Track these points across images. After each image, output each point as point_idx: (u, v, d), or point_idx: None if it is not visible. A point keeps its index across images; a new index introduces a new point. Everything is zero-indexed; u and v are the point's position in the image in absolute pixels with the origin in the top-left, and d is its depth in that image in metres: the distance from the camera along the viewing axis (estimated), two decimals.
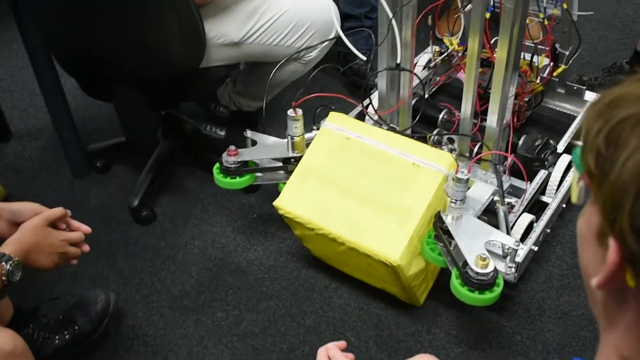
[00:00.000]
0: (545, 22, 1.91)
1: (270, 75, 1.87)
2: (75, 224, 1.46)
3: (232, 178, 1.81)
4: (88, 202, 2.12)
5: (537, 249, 1.71)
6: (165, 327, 1.75)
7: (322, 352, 1.20)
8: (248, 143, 1.86)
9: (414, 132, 1.89)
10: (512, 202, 1.77)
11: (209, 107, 2.13)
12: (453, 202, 1.51)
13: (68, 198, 2.12)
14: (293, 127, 1.74)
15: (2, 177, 2.19)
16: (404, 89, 1.88)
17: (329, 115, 1.75)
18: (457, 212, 1.51)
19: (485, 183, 1.74)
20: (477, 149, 1.88)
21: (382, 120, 1.85)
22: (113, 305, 1.71)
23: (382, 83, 1.88)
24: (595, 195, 0.58)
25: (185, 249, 1.96)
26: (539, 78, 2.05)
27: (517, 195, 1.83)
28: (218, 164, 1.82)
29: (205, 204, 2.10)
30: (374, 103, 1.94)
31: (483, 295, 1.42)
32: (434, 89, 2.39)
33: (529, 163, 1.85)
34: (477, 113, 1.86)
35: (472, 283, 1.42)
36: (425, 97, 2.19)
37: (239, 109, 2.29)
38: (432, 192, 1.55)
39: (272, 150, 1.83)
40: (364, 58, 1.74)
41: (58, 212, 1.41)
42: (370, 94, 1.99)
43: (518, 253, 1.53)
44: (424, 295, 1.75)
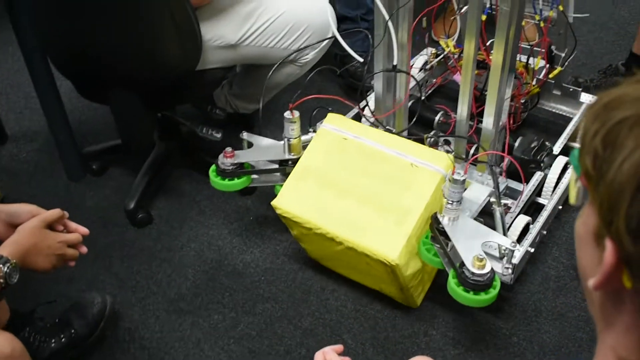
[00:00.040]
0: (541, 24, 1.91)
1: (267, 78, 1.87)
2: (73, 226, 1.45)
3: (228, 180, 1.81)
4: (84, 204, 2.12)
5: (533, 251, 1.71)
6: (162, 329, 1.75)
7: (319, 356, 1.20)
8: (244, 145, 1.86)
9: (410, 134, 1.90)
10: (508, 203, 1.77)
11: (205, 109, 2.13)
12: (450, 203, 1.51)
13: (64, 201, 2.11)
14: (290, 129, 1.74)
15: None
16: (401, 91, 1.89)
17: (327, 117, 1.75)
18: (453, 213, 1.51)
19: (482, 184, 1.74)
20: (473, 151, 1.88)
21: (378, 122, 1.85)
22: (109, 308, 1.71)
23: (378, 85, 1.88)
24: (593, 197, 0.58)
25: (182, 252, 1.96)
26: (535, 80, 2.05)
27: (513, 197, 1.83)
28: (214, 166, 1.81)
29: (202, 207, 2.10)
30: (371, 105, 1.94)
31: (480, 296, 1.42)
32: (430, 91, 2.39)
33: (525, 165, 1.86)
34: (473, 115, 1.86)
35: (469, 284, 1.42)
36: (422, 99, 2.19)
37: (235, 111, 2.29)
38: (430, 192, 1.55)
39: (268, 152, 1.83)
40: (361, 60, 1.74)
41: (55, 213, 1.40)
42: (367, 96, 1.99)
43: (515, 254, 1.53)
44: (421, 297, 1.75)
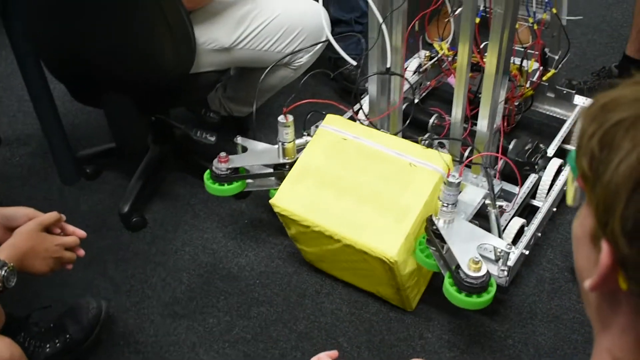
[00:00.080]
0: (535, 26, 1.92)
1: (260, 81, 1.87)
2: (70, 229, 1.45)
3: (223, 185, 1.80)
4: (78, 208, 2.11)
5: (528, 253, 1.71)
6: (157, 334, 1.74)
7: None
8: (239, 149, 1.86)
9: (405, 136, 1.89)
10: (503, 205, 1.77)
11: (199, 112, 2.13)
12: (445, 205, 1.51)
13: (57, 205, 2.10)
14: (284, 133, 1.74)
15: None
16: (395, 94, 1.89)
17: (326, 118, 1.76)
18: (449, 215, 1.52)
19: (477, 187, 1.74)
20: (467, 153, 1.88)
21: (372, 125, 1.85)
22: (104, 313, 1.70)
23: (372, 88, 1.88)
24: (589, 198, 0.58)
25: (176, 255, 1.95)
26: (529, 82, 2.06)
27: (507, 199, 1.83)
28: (209, 171, 1.81)
29: (196, 210, 2.10)
30: (365, 108, 1.94)
31: (476, 299, 1.42)
32: (424, 94, 2.39)
33: (520, 167, 1.86)
34: (467, 117, 1.86)
35: (465, 286, 1.42)
36: (416, 101, 2.19)
37: (230, 115, 2.29)
38: (429, 190, 1.55)
39: (262, 157, 1.83)
40: (354, 63, 1.74)
41: (53, 216, 1.40)
42: (361, 99, 1.99)
43: (510, 256, 1.53)
44: (416, 300, 1.75)
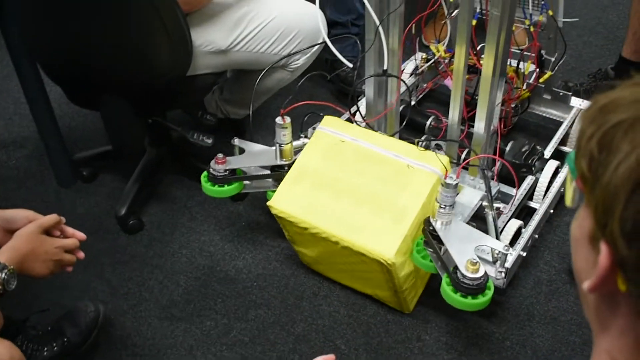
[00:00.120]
0: (531, 28, 1.92)
1: (256, 83, 1.87)
2: (70, 231, 1.45)
3: (220, 186, 1.80)
4: (74, 211, 2.10)
5: (525, 255, 1.71)
6: (154, 337, 1.74)
7: None
8: (236, 151, 1.86)
9: (402, 138, 1.89)
10: (500, 207, 1.77)
11: (196, 115, 2.12)
12: (442, 207, 1.51)
13: (54, 207, 2.10)
14: (281, 134, 1.74)
15: None
16: (391, 96, 1.89)
17: (324, 119, 1.76)
18: (446, 217, 1.52)
19: (474, 189, 1.74)
20: (464, 155, 1.88)
21: (369, 127, 1.85)
22: (102, 316, 1.70)
23: (369, 90, 1.88)
24: (588, 199, 0.58)
25: (173, 258, 1.95)
26: (525, 84, 2.06)
27: (505, 201, 1.83)
28: (206, 172, 1.81)
29: (193, 213, 2.09)
30: (362, 110, 1.94)
31: (474, 300, 1.42)
32: (421, 96, 2.39)
33: (517, 169, 1.86)
34: (464, 119, 1.86)
35: (463, 288, 1.42)
36: (412, 104, 2.19)
37: (226, 117, 2.28)
38: (426, 192, 1.55)
39: (260, 158, 1.83)
40: (351, 65, 1.74)
41: (52, 219, 1.40)
42: (358, 101, 1.99)
43: (507, 258, 1.53)
44: (414, 302, 1.75)
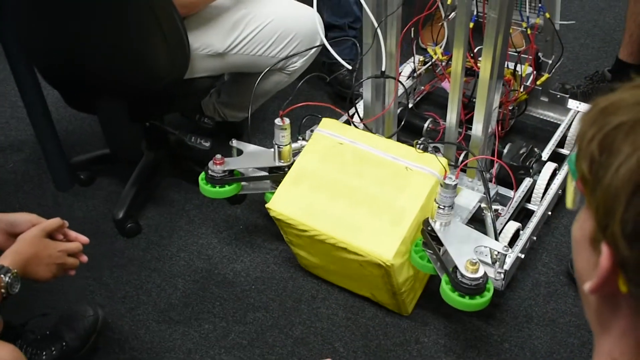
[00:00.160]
0: (528, 31, 1.92)
1: (255, 86, 1.87)
2: (73, 235, 1.45)
3: (218, 187, 1.80)
4: (72, 215, 2.10)
5: (523, 257, 1.71)
6: (152, 340, 1.73)
7: None
8: (234, 152, 1.86)
9: (400, 141, 1.89)
10: (498, 209, 1.78)
11: (194, 118, 2.12)
12: (441, 208, 1.51)
13: (52, 211, 2.09)
14: (280, 135, 1.74)
15: None
16: (389, 98, 1.89)
17: (322, 122, 1.76)
18: (445, 218, 1.52)
19: (472, 190, 1.75)
20: (462, 157, 1.89)
21: (367, 129, 1.85)
22: (101, 321, 1.69)
23: (367, 93, 1.89)
24: (589, 201, 0.59)
25: (171, 261, 1.95)
26: (523, 87, 2.06)
27: (502, 203, 1.83)
28: (204, 173, 1.80)
29: (191, 216, 2.09)
30: (360, 112, 1.94)
31: (474, 300, 1.42)
32: (419, 98, 2.39)
33: (514, 171, 1.86)
34: (462, 122, 1.87)
35: (462, 288, 1.42)
36: (410, 106, 2.19)
37: (224, 120, 2.28)
38: (425, 194, 1.55)
39: (258, 160, 1.83)
40: (350, 67, 1.74)
41: (55, 222, 1.40)
42: (356, 104, 1.99)
43: (506, 259, 1.53)
44: (412, 304, 1.75)
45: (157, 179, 2.19)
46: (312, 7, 1.72)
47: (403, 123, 1.90)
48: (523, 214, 1.91)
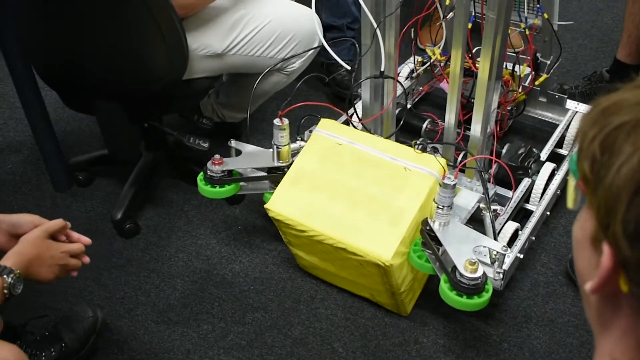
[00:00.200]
0: (527, 31, 1.93)
1: (254, 86, 1.87)
2: (75, 236, 1.45)
3: (216, 187, 1.80)
4: (70, 215, 2.09)
5: (522, 257, 1.71)
6: (151, 341, 1.73)
7: None
8: (232, 153, 1.86)
9: (398, 141, 1.90)
10: (497, 209, 1.78)
11: (192, 119, 2.12)
12: (440, 208, 1.51)
13: (50, 212, 2.09)
14: (279, 136, 1.74)
15: None
16: (388, 99, 1.89)
17: (320, 122, 1.76)
18: (444, 218, 1.52)
19: (471, 191, 1.75)
20: (461, 158, 1.89)
21: (365, 129, 1.86)
22: (101, 322, 1.69)
23: (365, 93, 1.89)
24: (590, 201, 0.59)
25: (170, 262, 1.94)
26: (521, 87, 2.07)
27: (501, 204, 1.83)
28: (202, 174, 1.80)
29: (190, 216, 2.09)
30: (358, 113, 1.94)
31: (473, 300, 1.42)
32: (417, 99, 2.39)
33: (513, 171, 1.87)
34: (460, 122, 1.87)
35: (462, 288, 1.42)
36: (408, 107, 2.19)
37: (223, 121, 2.28)
38: (424, 194, 1.55)
39: (257, 160, 1.83)
40: (349, 68, 1.74)
41: (58, 223, 1.40)
42: (354, 104, 1.99)
43: (505, 259, 1.53)
44: (411, 304, 1.75)
45: (155, 180, 2.19)
46: (310, 7, 1.72)
47: (402, 123, 1.90)
48: (522, 214, 1.91)
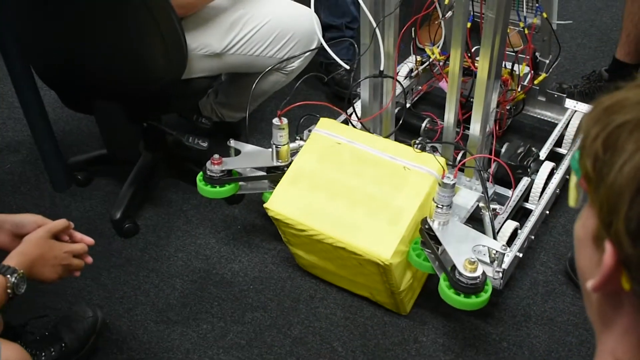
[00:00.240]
0: (526, 31, 1.93)
1: (253, 86, 1.87)
2: (78, 236, 1.45)
3: (215, 187, 1.80)
4: (69, 215, 2.08)
5: (521, 256, 1.71)
6: (150, 340, 1.73)
7: None
8: (232, 152, 1.86)
9: (397, 141, 1.90)
10: (496, 208, 1.78)
11: (191, 118, 2.12)
12: (439, 207, 1.51)
13: (49, 212, 2.09)
14: (278, 135, 1.74)
15: None
16: (387, 98, 1.89)
17: (319, 122, 1.76)
18: (443, 217, 1.52)
19: (470, 190, 1.75)
20: (460, 157, 1.89)
21: (365, 129, 1.86)
22: (100, 322, 1.69)
23: (364, 93, 1.89)
24: (592, 199, 0.59)
25: (169, 262, 1.94)
26: (520, 86, 2.07)
27: (500, 203, 1.83)
28: (201, 173, 1.80)
29: (189, 216, 2.09)
30: (358, 112, 1.94)
31: (473, 299, 1.43)
32: (416, 98, 2.40)
33: (512, 170, 1.87)
34: (459, 121, 1.87)
35: (461, 287, 1.42)
36: (407, 106, 2.19)
37: (222, 120, 2.28)
38: (424, 193, 1.55)
39: (256, 159, 1.83)
40: (347, 67, 1.74)
41: (61, 224, 1.40)
42: (353, 104, 1.99)
43: (504, 258, 1.53)
44: (411, 303, 1.75)
45: (154, 179, 2.19)
46: (309, 7, 1.72)
47: (401, 123, 1.91)
48: (521, 213, 1.91)
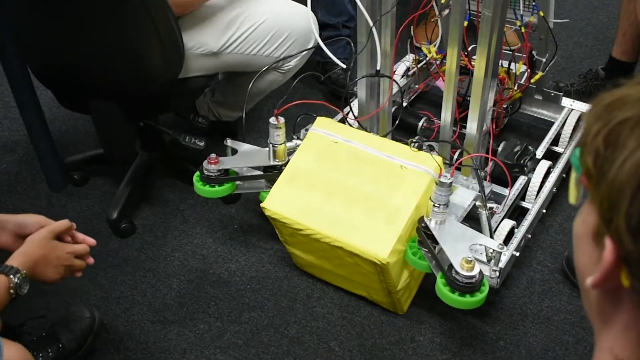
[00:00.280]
0: (522, 29, 1.93)
1: (250, 85, 1.86)
2: (81, 237, 1.46)
3: (212, 187, 1.79)
4: (66, 215, 2.07)
5: (518, 255, 1.72)
6: (147, 340, 1.72)
7: None
8: (228, 152, 1.85)
9: (394, 140, 1.89)
10: (493, 207, 1.78)
11: (188, 117, 2.12)
12: (436, 206, 1.51)
13: (45, 211, 2.08)
14: (275, 135, 1.73)
15: None
16: (384, 97, 1.89)
17: (316, 121, 1.75)
18: (440, 216, 1.52)
19: (467, 189, 1.75)
20: (457, 156, 1.89)
21: (361, 127, 1.85)
22: (98, 323, 1.68)
23: (361, 92, 1.88)
24: (593, 195, 0.59)
25: (166, 261, 1.94)
26: (517, 85, 2.07)
27: (497, 202, 1.84)
28: (198, 173, 1.80)
29: (186, 216, 2.08)
30: (354, 111, 1.94)
31: (469, 298, 1.43)
32: (413, 97, 2.40)
33: (509, 169, 1.87)
34: (456, 120, 1.87)
35: (458, 286, 1.42)
36: (404, 105, 2.19)
37: (218, 119, 2.28)
38: (420, 192, 1.55)
39: (253, 159, 1.82)
40: (344, 66, 1.74)
41: (64, 224, 1.41)
42: (350, 103, 1.99)
43: (501, 257, 1.53)
44: (408, 303, 1.75)
45: (151, 179, 2.19)
46: (306, 6, 1.72)
47: (397, 122, 1.91)
48: (518, 212, 1.91)
